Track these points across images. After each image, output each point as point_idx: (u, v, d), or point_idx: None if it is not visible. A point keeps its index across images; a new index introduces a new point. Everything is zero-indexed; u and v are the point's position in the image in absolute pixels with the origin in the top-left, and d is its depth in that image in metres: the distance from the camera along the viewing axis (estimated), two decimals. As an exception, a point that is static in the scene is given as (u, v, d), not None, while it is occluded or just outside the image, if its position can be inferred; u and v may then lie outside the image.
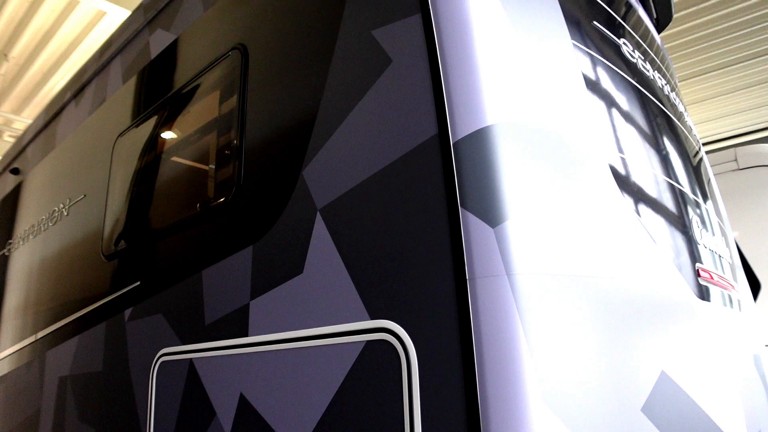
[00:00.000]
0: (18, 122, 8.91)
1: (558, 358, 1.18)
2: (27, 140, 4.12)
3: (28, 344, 3.16)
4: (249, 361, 1.62)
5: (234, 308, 1.71)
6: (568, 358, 1.20)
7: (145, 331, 2.10)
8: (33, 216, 3.56)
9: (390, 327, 1.29)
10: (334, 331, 1.41)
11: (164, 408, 1.91)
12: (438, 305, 1.23)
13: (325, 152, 1.57)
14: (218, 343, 1.74)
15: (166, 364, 1.94)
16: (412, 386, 1.22)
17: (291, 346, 1.51)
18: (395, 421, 1.24)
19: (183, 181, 2.33)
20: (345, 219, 1.46)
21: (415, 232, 1.30)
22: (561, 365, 1.18)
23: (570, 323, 1.23)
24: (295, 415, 1.45)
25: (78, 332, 2.60)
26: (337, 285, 1.43)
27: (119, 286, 2.34)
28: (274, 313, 1.58)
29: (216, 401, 1.70)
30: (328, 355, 1.41)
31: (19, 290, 3.51)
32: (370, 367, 1.31)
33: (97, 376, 2.37)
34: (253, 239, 1.72)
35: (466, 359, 1.16)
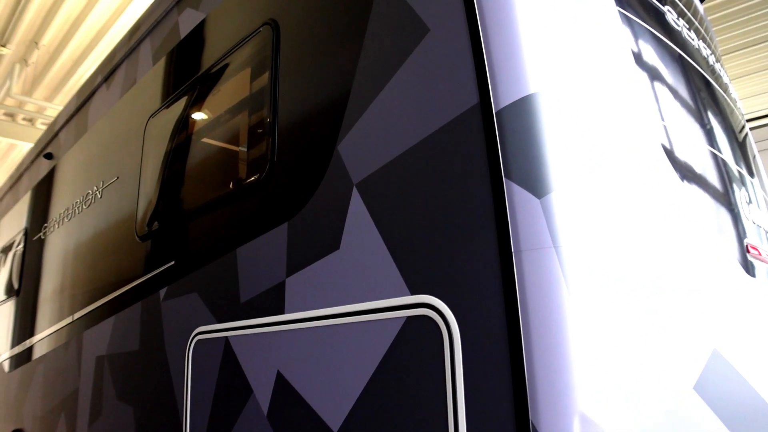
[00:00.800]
0: (50, 109, 9.04)
1: (607, 334, 1.13)
2: (59, 125, 4.16)
3: (66, 325, 3.21)
4: (286, 338, 1.61)
5: (270, 286, 1.70)
6: (618, 334, 1.15)
7: (180, 310, 2.10)
8: (67, 199, 3.60)
9: (431, 302, 1.26)
10: (373, 307, 1.38)
11: (201, 386, 1.91)
12: (482, 279, 1.19)
13: (361, 126, 1.53)
14: (254, 320, 1.73)
15: (201, 342, 1.94)
16: (455, 363, 1.19)
17: (328, 323, 1.49)
18: (437, 399, 1.21)
19: (215, 160, 2.32)
20: (383, 193, 1.43)
21: (457, 204, 1.26)
22: (610, 341, 1.13)
23: (619, 298, 1.18)
24: (334, 393, 1.43)
25: (114, 312, 2.63)
26: (376, 260, 1.40)
27: (154, 266, 2.35)
28: (310, 289, 1.56)
29: (253, 379, 1.69)
30: (367, 332, 1.38)
31: (55, 272, 3.57)
32: (411, 344, 1.28)
33: (134, 356, 2.39)
34: (287, 216, 1.69)
35: (512, 335, 1.12)
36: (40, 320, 3.70)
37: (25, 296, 4.12)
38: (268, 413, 1.62)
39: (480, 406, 1.14)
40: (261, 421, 1.64)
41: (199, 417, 1.89)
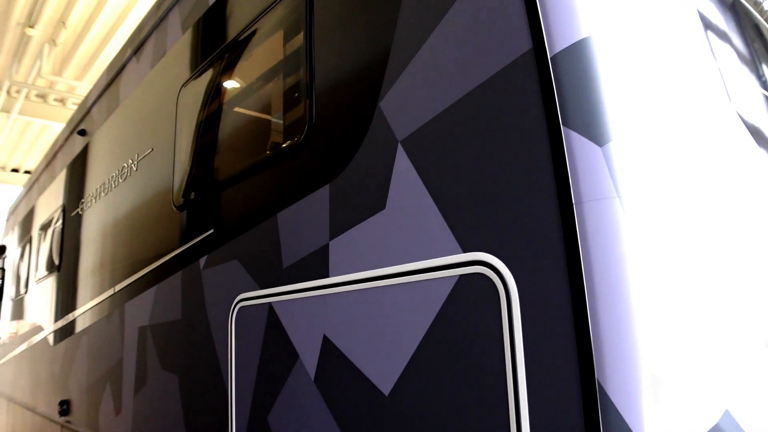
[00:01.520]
0: (80, 88, 9.12)
1: (674, 288, 1.07)
2: (91, 101, 4.17)
3: (107, 297, 3.25)
4: (331, 302, 1.57)
5: (312, 249, 1.66)
6: (685, 287, 1.09)
7: (221, 278, 2.09)
8: (103, 174, 3.62)
9: (486, 259, 1.21)
10: (423, 266, 1.33)
11: (245, 353, 1.90)
12: (540, 233, 1.13)
13: (404, 80, 1.47)
14: (297, 285, 1.70)
15: (244, 309, 1.93)
16: (513, 321, 1.14)
17: (375, 285, 1.45)
18: (494, 359, 1.16)
19: (251, 126, 2.29)
20: (430, 148, 1.37)
21: (512, 156, 1.20)
22: (676, 295, 1.07)
23: (686, 251, 1.12)
24: (383, 356, 1.40)
25: (155, 283, 2.64)
26: (424, 218, 1.35)
27: (193, 235, 2.34)
28: (355, 252, 1.52)
29: (298, 344, 1.67)
30: (418, 293, 1.34)
31: (94, 247, 3.60)
32: (465, 303, 1.23)
33: (176, 325, 2.40)
34: (329, 178, 1.65)
35: (575, 290, 1.07)
36: (81, 294, 3.75)
37: (66, 271, 4.18)
38: (315, 378, 1.60)
39: (541, 365, 1.10)
40: (308, 386, 1.62)
41: (245, 383, 1.89)
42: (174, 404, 2.35)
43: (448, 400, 1.24)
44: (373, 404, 1.41)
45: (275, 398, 1.74)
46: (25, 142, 12.23)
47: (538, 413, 1.09)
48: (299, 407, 1.65)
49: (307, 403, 1.62)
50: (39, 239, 5.24)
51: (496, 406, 1.15)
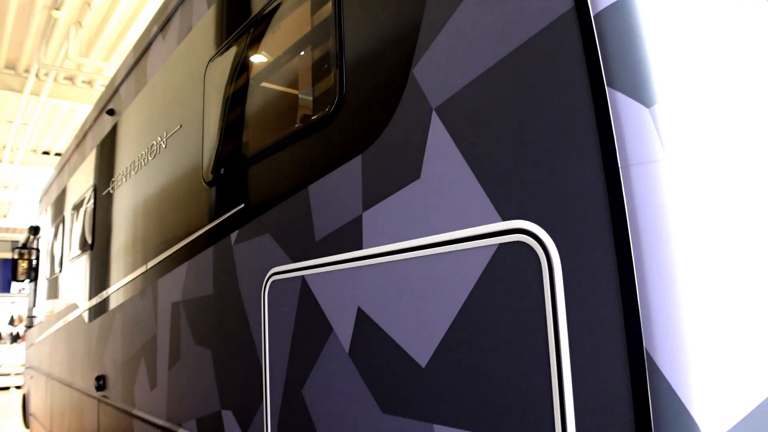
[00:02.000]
0: (108, 70, 9.19)
1: (725, 255, 1.03)
2: (119, 81, 4.18)
3: (140, 274, 3.28)
4: (365, 274, 1.55)
5: (345, 221, 1.64)
6: (736, 254, 1.04)
7: (253, 253, 2.09)
8: (132, 152, 3.64)
9: (526, 227, 1.17)
10: (460, 236, 1.30)
11: (278, 327, 1.90)
12: (584, 200, 1.09)
13: (438, 45, 1.43)
14: (330, 258, 1.68)
15: (277, 283, 1.92)
16: (555, 291, 1.11)
17: (411, 256, 1.42)
18: (536, 331, 1.13)
19: (280, 98, 2.26)
20: (466, 115, 1.33)
21: (553, 119, 1.16)
22: (729, 263, 1.03)
23: (736, 216, 1.07)
24: (420, 328, 1.38)
25: (186, 259, 2.65)
26: (461, 187, 1.32)
27: (223, 210, 2.34)
28: (389, 223, 1.50)
29: (332, 317, 1.66)
30: (454, 263, 1.31)
31: (125, 225, 3.64)
32: (504, 273, 1.20)
33: (209, 300, 2.41)
34: (361, 148, 1.62)
35: (621, 257, 1.03)
36: (114, 272, 3.81)
37: (98, 250, 4.24)
38: (349, 350, 1.59)
39: (586, 335, 1.06)
40: (343, 359, 1.61)
41: (279, 357, 1.89)
42: (208, 378, 2.37)
43: (487, 372, 1.22)
44: (410, 376, 1.39)
45: (309, 371, 1.74)
46: (55, 125, 12.42)
47: (582, 384, 1.06)
48: (334, 380, 1.64)
49: (341, 375, 1.61)
50: (71, 219, 5.33)
51: (537, 377, 1.12)
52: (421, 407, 1.36)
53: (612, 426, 1.01)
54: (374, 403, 1.49)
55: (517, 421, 1.15)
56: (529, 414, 1.13)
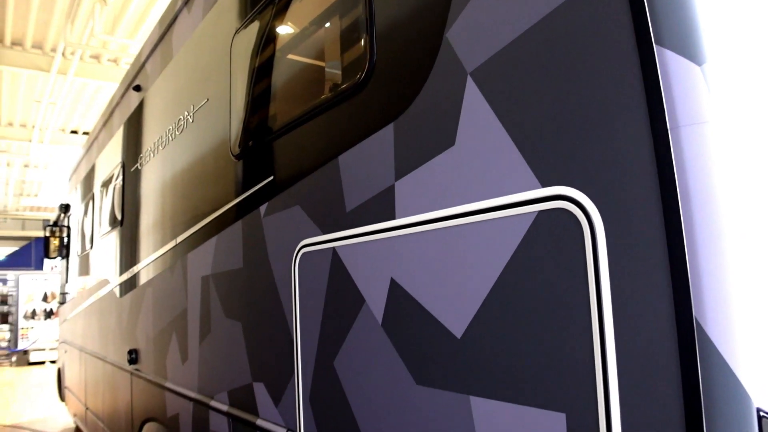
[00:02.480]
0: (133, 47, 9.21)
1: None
2: (145, 56, 4.18)
3: (169, 249, 3.31)
4: (398, 244, 1.53)
5: (377, 191, 1.61)
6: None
7: (282, 225, 2.07)
8: (159, 128, 3.65)
9: (568, 194, 1.13)
10: (497, 204, 1.26)
11: (309, 299, 1.89)
12: (630, 163, 1.04)
13: (474, 6, 1.37)
14: (362, 229, 1.66)
15: (307, 255, 1.91)
16: (599, 259, 1.07)
17: (445, 225, 1.39)
18: (577, 300, 1.09)
19: (309, 68, 2.23)
20: (504, 78, 1.28)
21: (598, 79, 1.10)
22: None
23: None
24: (455, 298, 1.35)
25: (215, 233, 2.65)
26: (498, 153, 1.27)
27: (252, 183, 2.32)
28: (423, 191, 1.46)
29: (364, 288, 1.64)
30: (491, 232, 1.27)
31: (154, 200, 3.66)
32: (543, 241, 1.16)
33: (238, 273, 2.41)
34: (393, 116, 1.58)
35: (670, 223, 0.98)
36: (144, 247, 3.84)
37: (128, 226, 4.29)
38: (383, 322, 1.57)
39: (631, 304, 1.02)
40: (375, 331, 1.59)
41: (310, 329, 1.88)
42: (239, 351, 2.38)
43: (525, 344, 1.19)
44: (445, 348, 1.37)
45: (341, 343, 1.73)
46: (82, 103, 12.54)
47: (627, 356, 1.02)
48: (366, 352, 1.63)
49: (374, 347, 1.60)
50: (101, 196, 5.39)
51: (579, 348, 1.09)
52: (457, 379, 1.34)
53: (658, 397, 0.98)
54: (408, 374, 1.48)
55: (557, 393, 1.12)
56: (570, 386, 1.10)
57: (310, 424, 1.88)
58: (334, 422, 1.76)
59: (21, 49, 9.87)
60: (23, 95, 11.90)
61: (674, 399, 0.96)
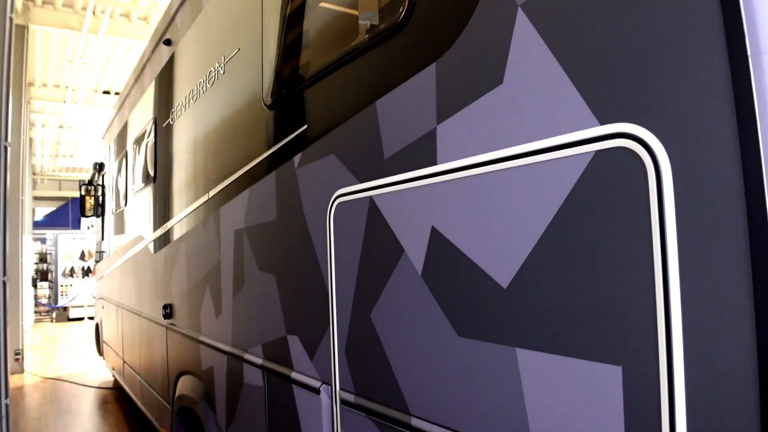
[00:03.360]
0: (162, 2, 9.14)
1: None
2: (174, 9, 4.10)
3: (202, 203, 3.29)
4: (440, 191, 1.45)
5: (417, 136, 1.53)
6: None
7: (317, 175, 2.01)
8: (190, 81, 3.59)
9: (630, 131, 1.03)
10: (549, 145, 1.17)
11: (345, 249, 1.84)
12: (703, 96, 0.94)
13: (526, -69, 1.26)
14: (401, 176, 1.59)
15: (343, 204, 1.85)
16: (664, 202, 0.98)
17: (491, 170, 1.31)
18: (638, 249, 1.01)
19: (343, 10, 2.13)
20: (558, 8, 1.18)
21: (666, 3, 1.00)
22: None
23: None
24: (501, 246, 1.28)
25: (248, 186, 2.61)
26: (551, 89, 1.18)
27: (285, 133, 2.26)
28: (467, 135, 1.38)
29: (403, 238, 1.58)
30: (542, 175, 1.19)
31: (186, 155, 3.64)
32: (601, 185, 1.08)
33: (272, 226, 2.37)
34: (434, 56, 1.49)
35: (748, 163, 0.89)
36: (177, 202, 3.84)
37: (160, 182, 4.29)
38: (422, 272, 1.51)
39: (699, 255, 0.94)
40: (415, 281, 1.53)
41: (345, 281, 1.83)
42: (273, 304, 2.36)
43: (579, 293, 1.11)
44: (489, 298, 1.31)
45: (378, 295, 1.68)
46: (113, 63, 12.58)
47: (693, 305, 0.94)
48: (405, 303, 1.58)
49: (413, 298, 1.54)
50: (134, 153, 5.41)
51: (639, 298, 1.01)
52: (502, 330, 1.27)
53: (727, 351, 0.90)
54: (449, 326, 1.42)
55: (613, 345, 1.05)
56: (628, 338, 1.03)
57: (345, 376, 1.85)
58: (371, 375, 1.72)
59: (52, 8, 9.89)
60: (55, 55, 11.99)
61: (747, 352, 0.88)
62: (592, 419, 1.09)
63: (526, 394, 1.22)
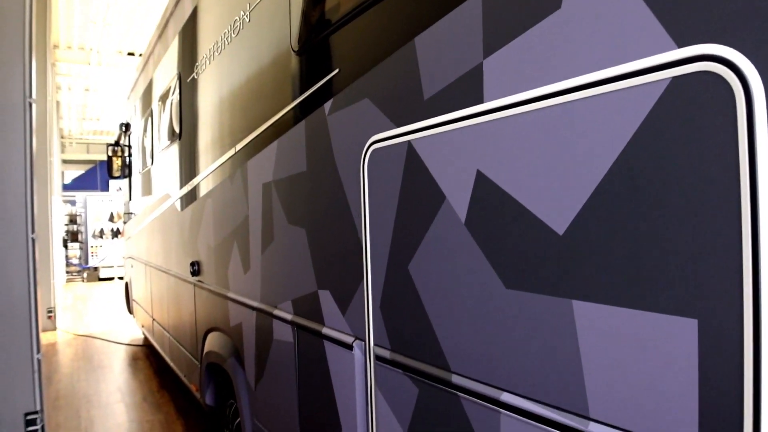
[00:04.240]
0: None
1: None
2: (197, -41, 3.97)
3: (229, 158, 3.21)
4: (487, 131, 1.33)
5: (461, 73, 1.41)
6: None
7: (350, 121, 1.90)
8: (214, 33, 3.48)
9: (715, 52, 0.90)
10: (616, 73, 1.05)
11: (380, 199, 1.74)
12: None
13: None
14: (443, 117, 1.47)
15: (378, 152, 1.74)
16: (755, 135, 0.85)
17: (546, 105, 1.18)
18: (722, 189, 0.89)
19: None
20: None
21: None
22: None
23: None
24: (558, 187, 1.16)
25: (276, 137, 2.51)
26: (617, 11, 1.05)
27: (315, 78, 2.14)
28: (518, 68, 1.25)
29: (445, 184, 1.47)
30: (607, 107, 1.06)
31: (212, 109, 3.55)
32: (679, 114, 0.95)
33: (302, 177, 2.28)
34: (481, -17, 1.35)
35: None
36: (203, 158, 3.77)
37: (186, 138, 4.22)
38: (466, 220, 1.40)
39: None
40: (457, 230, 1.43)
41: (381, 231, 1.74)
42: (303, 259, 2.28)
43: (648, 239, 1.00)
44: (543, 246, 1.20)
45: (417, 246, 1.58)
46: (137, 24, 12.46)
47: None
48: (446, 254, 1.48)
49: (455, 249, 1.44)
50: (159, 111, 5.34)
51: (721, 245, 0.89)
52: (557, 281, 1.17)
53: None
54: (496, 277, 1.32)
55: (688, 296, 0.94)
56: (707, 288, 0.91)
57: (380, 332, 1.78)
58: (407, 330, 1.64)
59: (74, -33, 9.75)
60: (79, 17, 11.90)
61: None
62: (659, 379, 0.99)
63: (582, 350, 1.12)
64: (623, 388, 1.05)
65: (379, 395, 1.79)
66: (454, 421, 1.46)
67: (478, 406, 1.38)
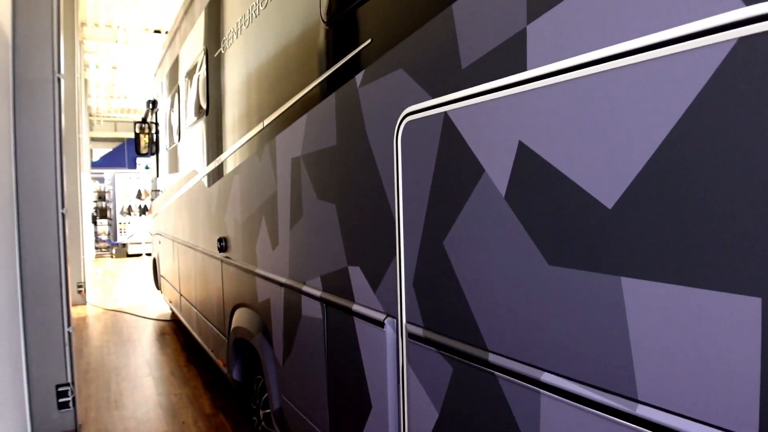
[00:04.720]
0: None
1: None
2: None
3: (256, 134, 3.18)
4: (530, 100, 1.27)
5: (502, 40, 1.34)
6: None
7: (383, 93, 1.85)
8: (242, 6, 3.43)
9: (790, 8, 0.83)
10: (673, 36, 0.97)
11: (414, 173, 1.69)
12: None
13: None
14: (482, 87, 1.41)
15: (412, 124, 1.69)
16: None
17: (596, 71, 1.12)
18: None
19: None
20: None
21: None
22: None
23: None
24: (607, 158, 1.10)
25: (305, 111, 2.47)
26: (681, -33, 0.97)
27: (346, 50, 2.09)
28: (565, 32, 1.18)
29: (483, 156, 1.41)
30: (664, 72, 0.99)
31: (238, 84, 3.51)
32: (744, 81, 0.88)
33: (332, 152, 2.24)
34: (526, -57, 1.28)
35: None
36: (230, 134, 3.75)
37: (213, 114, 4.20)
38: (506, 194, 1.34)
39: None
40: (496, 204, 1.37)
41: (415, 206, 1.69)
42: (333, 234, 2.25)
43: (706, 212, 0.93)
44: (589, 221, 1.14)
45: (453, 220, 1.53)
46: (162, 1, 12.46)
47: None
48: (484, 229, 1.42)
49: (494, 223, 1.39)
50: (186, 87, 5.32)
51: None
52: (604, 257, 1.11)
53: None
54: (537, 253, 1.27)
55: (751, 272, 0.88)
56: None
57: (413, 309, 1.74)
58: (442, 307, 1.60)
59: (101, -57, 9.75)
60: (107, -7, 11.93)
61: None
62: (716, 361, 0.93)
63: (631, 329, 1.07)
64: (675, 370, 0.99)
65: (411, 373, 1.76)
66: (491, 400, 1.43)
67: (517, 386, 1.34)
